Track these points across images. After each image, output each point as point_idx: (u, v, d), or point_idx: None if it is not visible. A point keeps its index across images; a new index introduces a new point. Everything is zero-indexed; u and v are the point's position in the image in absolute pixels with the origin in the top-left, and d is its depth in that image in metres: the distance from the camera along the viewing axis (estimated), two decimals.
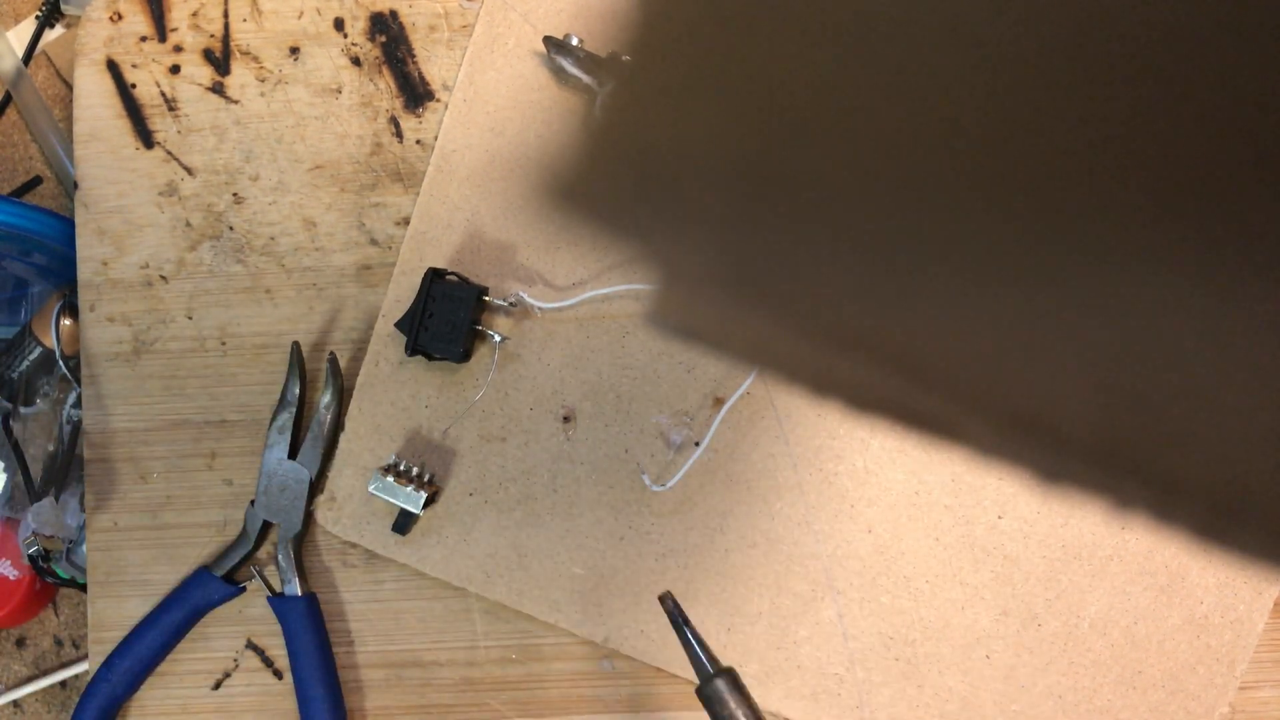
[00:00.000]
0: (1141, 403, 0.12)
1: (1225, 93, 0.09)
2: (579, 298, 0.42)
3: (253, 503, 0.43)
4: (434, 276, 0.41)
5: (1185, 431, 0.12)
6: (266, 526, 0.43)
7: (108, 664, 0.43)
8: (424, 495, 0.41)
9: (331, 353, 0.43)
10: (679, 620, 0.32)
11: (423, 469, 0.42)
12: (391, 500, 0.41)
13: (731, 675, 0.32)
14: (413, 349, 0.41)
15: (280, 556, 0.43)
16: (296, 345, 0.43)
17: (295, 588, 0.43)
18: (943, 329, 0.13)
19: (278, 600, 0.43)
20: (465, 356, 0.42)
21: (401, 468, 0.42)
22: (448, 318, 0.41)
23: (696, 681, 0.33)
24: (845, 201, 0.11)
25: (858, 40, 0.10)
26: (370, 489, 0.41)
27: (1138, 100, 0.09)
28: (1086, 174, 0.10)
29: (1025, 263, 0.11)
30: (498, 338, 0.42)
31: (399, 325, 0.42)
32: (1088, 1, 0.09)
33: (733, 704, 0.31)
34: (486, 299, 0.42)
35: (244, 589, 0.44)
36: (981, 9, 0.09)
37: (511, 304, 0.43)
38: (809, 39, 0.10)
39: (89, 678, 0.43)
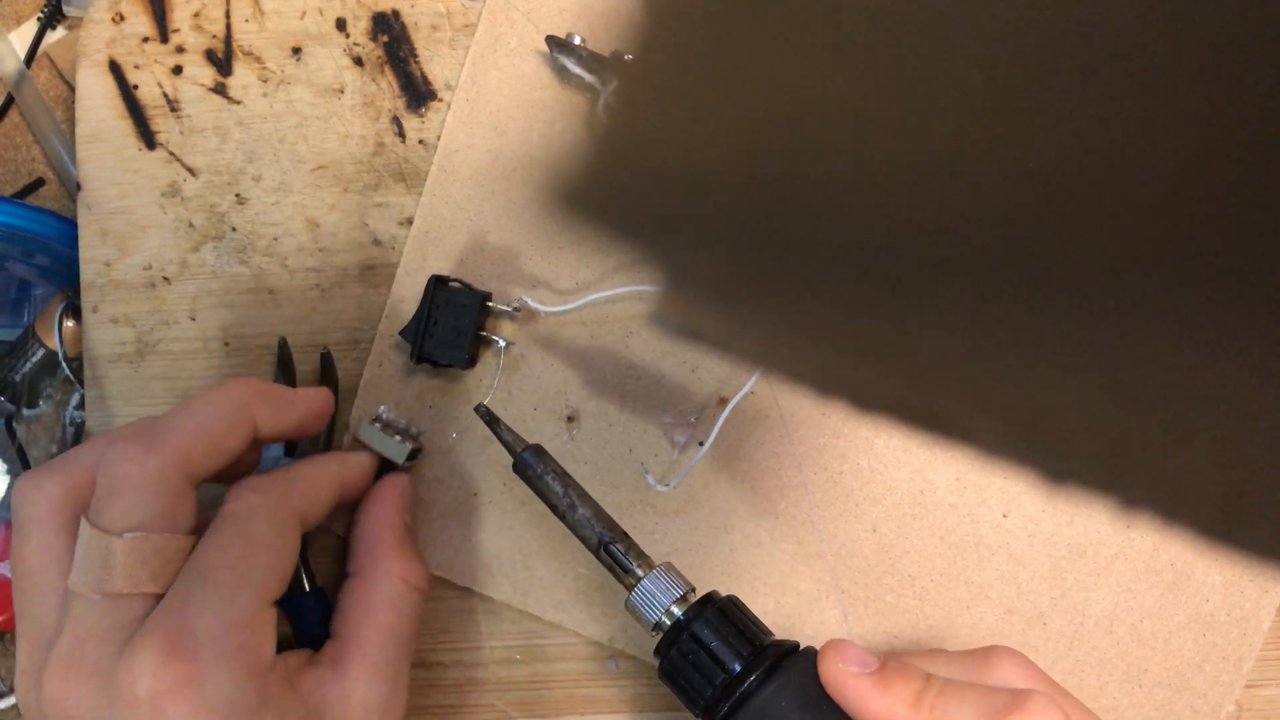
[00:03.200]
0: (1147, 402, 0.12)
1: (1234, 96, 0.09)
2: (583, 301, 0.42)
3: None
4: (437, 284, 0.41)
5: (1190, 431, 0.12)
6: None
7: None
8: (409, 447, 0.41)
9: (325, 348, 0.43)
10: (491, 421, 0.38)
11: (409, 423, 0.42)
12: (377, 449, 0.41)
13: (537, 447, 0.38)
14: (418, 357, 0.41)
15: None
16: (283, 341, 0.42)
17: (303, 584, 0.42)
18: (947, 328, 0.13)
19: (284, 598, 0.43)
20: (471, 363, 0.42)
21: (387, 418, 0.42)
22: (452, 325, 0.41)
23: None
24: (852, 203, 0.11)
25: (866, 44, 0.10)
26: (359, 435, 0.41)
27: (1147, 109, 0.09)
28: (1093, 179, 0.10)
29: (1030, 264, 0.11)
30: (502, 343, 0.42)
31: (403, 334, 0.42)
32: (1096, 21, 0.09)
33: (540, 468, 0.37)
34: (490, 304, 0.42)
35: None
36: (994, 21, 0.09)
37: (515, 309, 0.42)
38: (816, 41, 0.10)
39: None
